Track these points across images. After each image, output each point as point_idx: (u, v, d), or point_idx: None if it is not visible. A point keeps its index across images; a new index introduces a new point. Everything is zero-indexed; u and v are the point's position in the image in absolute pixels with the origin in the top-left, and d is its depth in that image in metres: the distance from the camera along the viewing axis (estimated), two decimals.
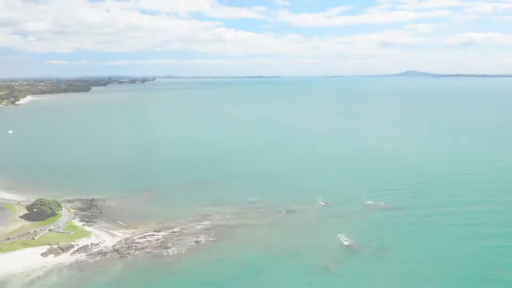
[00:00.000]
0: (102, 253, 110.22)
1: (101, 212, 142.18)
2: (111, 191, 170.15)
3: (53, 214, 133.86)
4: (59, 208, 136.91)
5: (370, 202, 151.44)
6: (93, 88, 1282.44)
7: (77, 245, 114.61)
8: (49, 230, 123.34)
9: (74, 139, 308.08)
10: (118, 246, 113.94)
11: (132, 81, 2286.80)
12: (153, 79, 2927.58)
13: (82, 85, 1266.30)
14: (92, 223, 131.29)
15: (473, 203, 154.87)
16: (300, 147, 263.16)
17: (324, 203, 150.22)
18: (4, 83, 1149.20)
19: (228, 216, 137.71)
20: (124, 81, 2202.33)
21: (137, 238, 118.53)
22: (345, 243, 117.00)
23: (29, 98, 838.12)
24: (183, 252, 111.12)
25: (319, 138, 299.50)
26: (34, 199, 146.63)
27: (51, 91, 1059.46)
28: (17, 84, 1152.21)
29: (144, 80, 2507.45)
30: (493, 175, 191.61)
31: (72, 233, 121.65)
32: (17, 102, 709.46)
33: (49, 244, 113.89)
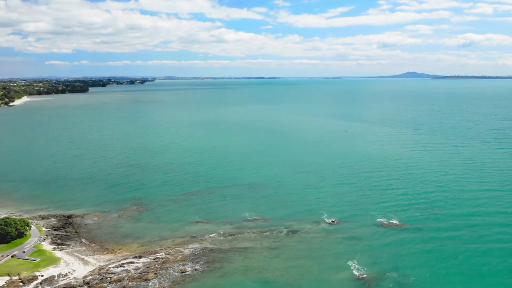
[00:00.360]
0: (69, 287, 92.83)
1: (76, 232, 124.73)
2: (93, 204, 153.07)
3: (20, 235, 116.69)
4: (28, 228, 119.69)
5: (382, 220, 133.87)
6: (91, 89, 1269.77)
7: (42, 275, 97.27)
8: (11, 256, 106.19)
9: (60, 143, 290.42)
10: (90, 277, 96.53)
11: (131, 82, 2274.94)
12: (153, 80, 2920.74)
13: (80, 86, 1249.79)
14: (64, 246, 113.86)
15: (496, 214, 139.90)
16: (302, 153, 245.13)
17: (330, 221, 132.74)
18: (2, 83, 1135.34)
19: (220, 237, 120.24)
20: (123, 82, 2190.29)
21: (113, 267, 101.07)
22: (357, 273, 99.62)
23: (25, 99, 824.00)
24: (166, 285, 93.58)
25: (322, 143, 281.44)
26: (4, 215, 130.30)
27: (48, 92, 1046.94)
28: (14, 84, 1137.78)
29: (143, 80, 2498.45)
30: (510, 181, 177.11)
31: (38, 260, 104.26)
32: (11, 103, 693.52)
33: (8, 275, 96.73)
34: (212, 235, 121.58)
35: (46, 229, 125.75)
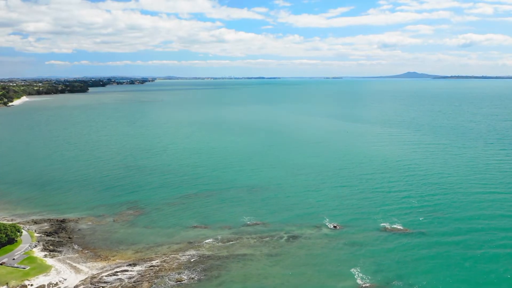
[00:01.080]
0: None
1: (69, 237, 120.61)
2: (87, 207, 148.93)
3: (11, 241, 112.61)
4: (18, 233, 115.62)
5: (386, 225, 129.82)
6: (91, 89, 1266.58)
7: (31, 285, 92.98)
8: (0, 264, 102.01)
9: (58, 144, 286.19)
10: (82, 286, 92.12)
11: (131, 82, 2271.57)
12: (153, 80, 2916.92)
13: (79, 86, 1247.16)
14: (56, 253, 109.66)
15: (501, 218, 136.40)
16: (302, 154, 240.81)
17: (332, 226, 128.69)
18: (2, 83, 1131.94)
19: (218, 243, 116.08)
20: (123, 82, 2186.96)
21: (105, 275, 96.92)
22: (361, 282, 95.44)
23: (24, 99, 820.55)
24: None
25: (322, 144, 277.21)
26: None
27: (47, 92, 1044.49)
28: (14, 84, 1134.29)
29: (143, 81, 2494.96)
30: None
31: (27, 268, 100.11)
32: (10, 103, 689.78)
33: None
34: (210, 241, 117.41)
35: (38, 235, 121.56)
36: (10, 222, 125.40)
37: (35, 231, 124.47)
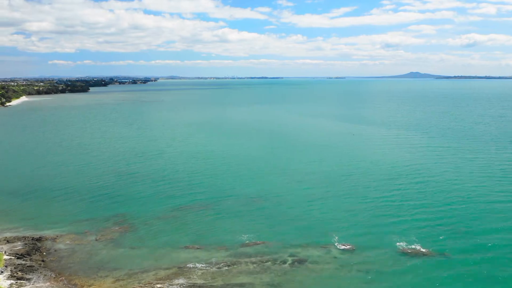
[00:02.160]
0: None
1: (43, 261, 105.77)
2: (69, 222, 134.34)
3: None
4: None
5: (403, 245, 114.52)
6: (92, 89, 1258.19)
7: None
8: None
9: (48, 147, 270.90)
10: None
11: (134, 81, 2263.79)
12: (156, 79, 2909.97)
13: (80, 86, 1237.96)
14: (24, 281, 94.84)
15: None
16: (307, 159, 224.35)
17: (343, 247, 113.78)
18: (4, 83, 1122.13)
19: (213, 269, 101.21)
20: (125, 82, 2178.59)
21: None
22: None
23: (23, 99, 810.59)
24: None
25: (327, 148, 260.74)
26: None
27: (48, 92, 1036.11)
28: (14, 84, 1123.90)
29: (145, 80, 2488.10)
30: None
31: None
32: (8, 104, 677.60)
33: None
34: (203, 265, 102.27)
35: (8, 257, 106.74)
36: None
37: (5, 252, 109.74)
